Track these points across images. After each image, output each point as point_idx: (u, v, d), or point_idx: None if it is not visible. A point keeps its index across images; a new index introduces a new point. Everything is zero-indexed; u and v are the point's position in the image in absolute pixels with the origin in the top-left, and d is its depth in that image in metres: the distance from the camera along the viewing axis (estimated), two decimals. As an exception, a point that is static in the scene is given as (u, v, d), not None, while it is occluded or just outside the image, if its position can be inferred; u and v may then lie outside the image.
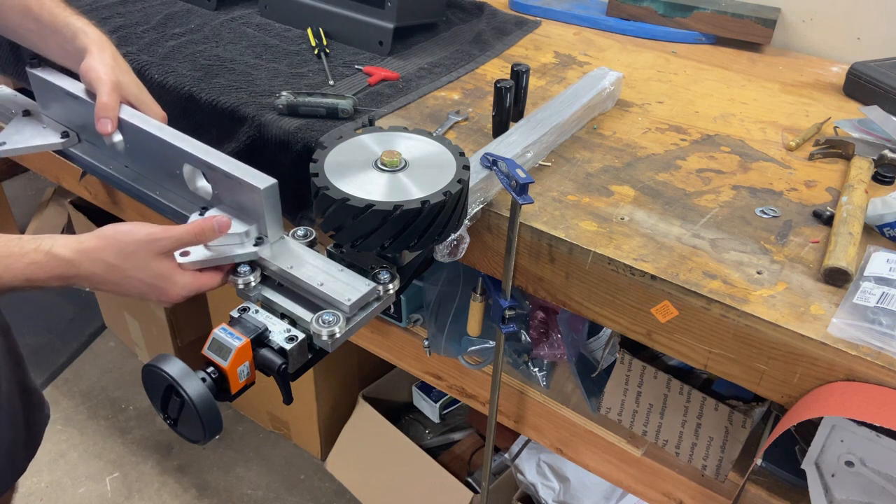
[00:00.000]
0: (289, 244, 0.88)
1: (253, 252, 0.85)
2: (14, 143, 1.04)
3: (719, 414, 1.00)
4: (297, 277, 0.82)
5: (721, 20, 1.52)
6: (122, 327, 2.33)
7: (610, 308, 0.93)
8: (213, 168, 0.87)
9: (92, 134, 1.00)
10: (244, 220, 0.87)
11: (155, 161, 0.96)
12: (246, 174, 0.85)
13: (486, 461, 1.29)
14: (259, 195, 0.83)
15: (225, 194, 0.89)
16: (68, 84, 1.02)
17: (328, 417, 1.98)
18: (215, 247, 0.84)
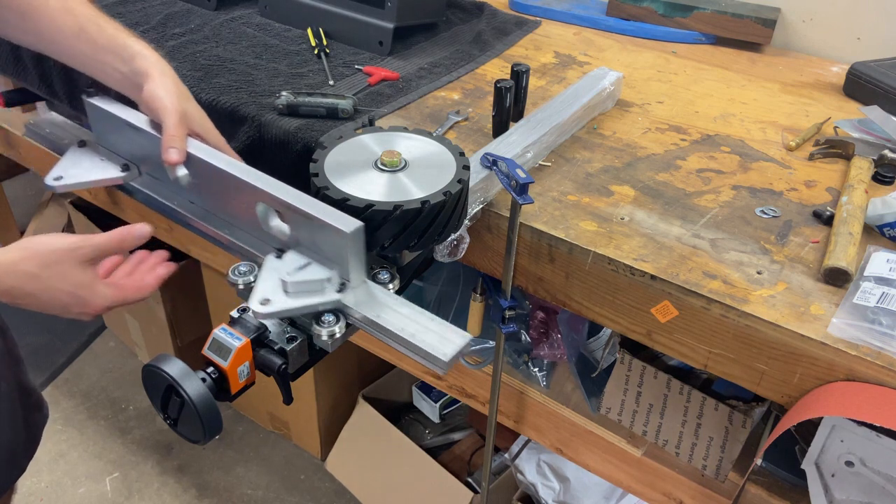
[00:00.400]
0: (372, 289, 0.81)
1: (337, 300, 0.78)
2: (72, 178, 0.98)
3: (719, 414, 1.00)
4: (385, 328, 0.77)
5: (721, 20, 1.52)
6: (122, 327, 2.33)
7: (610, 308, 0.93)
8: (292, 208, 0.80)
9: (154, 167, 0.96)
10: (324, 264, 0.81)
11: (224, 198, 0.90)
12: (329, 216, 0.77)
13: (486, 461, 1.29)
14: (345, 239, 0.76)
15: (303, 235, 0.82)
16: (129, 115, 0.95)
17: (328, 417, 1.98)
18: (298, 296, 0.78)
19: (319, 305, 0.78)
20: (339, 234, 0.76)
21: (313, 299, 0.78)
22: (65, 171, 0.98)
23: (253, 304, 0.75)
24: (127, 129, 0.95)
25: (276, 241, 0.86)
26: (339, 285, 0.79)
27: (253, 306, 0.75)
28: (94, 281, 0.80)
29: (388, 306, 0.79)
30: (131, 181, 1.00)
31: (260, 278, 0.79)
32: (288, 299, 0.77)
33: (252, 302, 0.75)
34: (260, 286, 0.78)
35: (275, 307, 0.76)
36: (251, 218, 0.87)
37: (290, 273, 0.79)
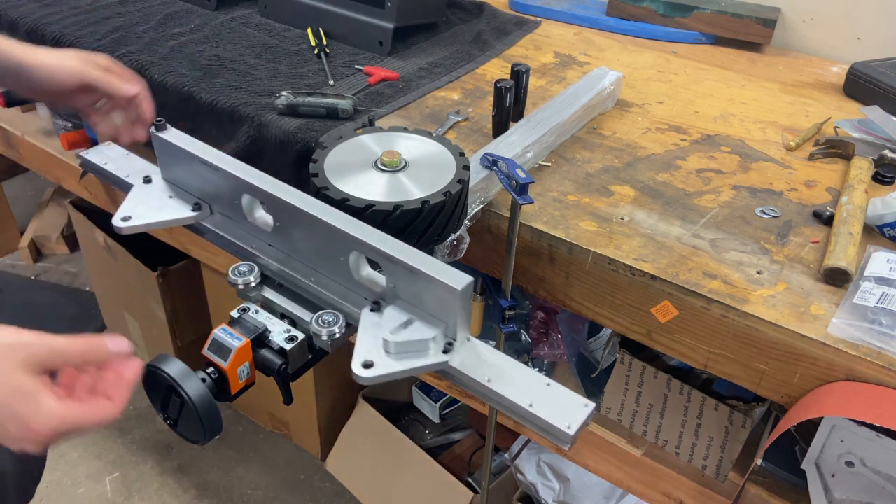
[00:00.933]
0: (477, 348, 0.74)
1: (443, 362, 0.72)
2: (141, 218, 0.90)
3: (719, 414, 1.00)
4: (499, 395, 0.70)
5: (721, 20, 1.52)
6: (122, 327, 2.33)
7: (610, 308, 0.93)
8: (394, 260, 0.74)
9: (227, 206, 0.89)
10: (427, 321, 0.74)
11: (311, 244, 0.82)
12: (437, 271, 0.71)
13: (486, 461, 1.28)
14: (454, 297, 0.70)
15: (403, 288, 0.75)
16: (202, 150, 0.89)
17: (328, 417, 1.98)
18: (401, 358, 0.72)
19: (425, 368, 0.72)
20: (449, 290, 0.70)
21: (418, 361, 0.72)
22: (132, 210, 0.91)
23: (355, 367, 0.70)
24: (198, 165, 0.89)
25: (366, 291, 0.80)
26: (445, 345, 0.73)
27: (355, 370, 0.69)
28: (39, 390, 0.61)
29: (498, 369, 0.72)
30: (203, 220, 0.93)
31: (358, 336, 0.74)
32: (391, 361, 0.71)
33: (354, 364, 0.70)
34: (359, 345, 0.72)
35: (379, 371, 0.70)
36: (339, 266, 0.80)
37: (392, 332, 0.73)
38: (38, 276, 2.64)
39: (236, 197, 0.86)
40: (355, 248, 0.77)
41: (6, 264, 2.67)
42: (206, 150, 0.89)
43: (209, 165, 0.87)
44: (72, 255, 2.72)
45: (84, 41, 1.33)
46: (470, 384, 0.72)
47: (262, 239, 0.88)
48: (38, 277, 2.63)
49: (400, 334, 0.73)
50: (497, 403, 0.71)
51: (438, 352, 0.73)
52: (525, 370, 0.73)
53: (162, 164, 0.95)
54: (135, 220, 0.90)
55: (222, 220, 0.92)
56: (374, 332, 0.74)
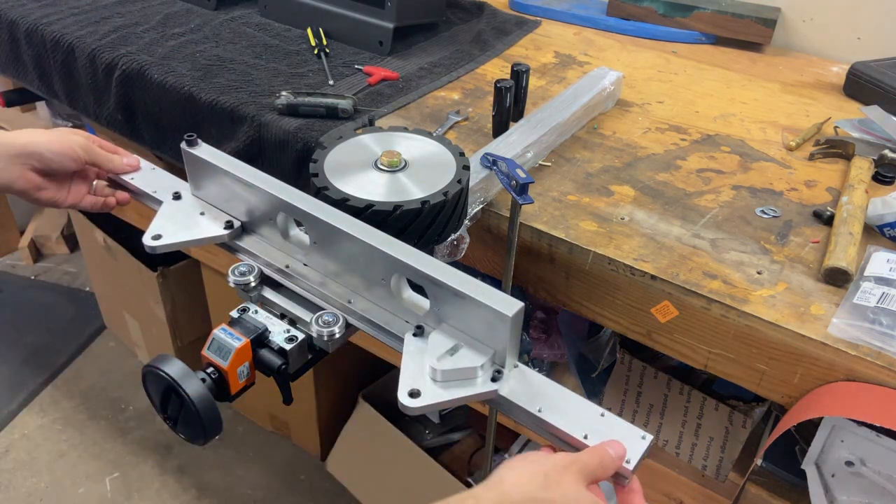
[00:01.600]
0: (527, 375, 0.71)
1: (493, 390, 0.69)
2: (172, 237, 0.87)
3: (719, 414, 1.00)
4: (551, 425, 0.67)
5: (721, 20, 1.51)
6: (121, 327, 2.33)
7: (610, 308, 0.93)
8: (439, 284, 0.71)
9: (261, 224, 0.87)
10: (474, 347, 0.71)
11: (350, 265, 0.79)
12: (487, 295, 0.68)
13: (486, 461, 1.28)
14: (504, 323, 0.67)
15: (449, 312, 0.73)
16: (235, 167, 0.85)
17: (328, 417, 1.98)
18: (449, 386, 0.69)
19: (474, 398, 0.69)
20: (499, 317, 0.67)
21: (466, 390, 0.69)
22: (162, 228, 0.88)
23: (402, 396, 0.67)
24: (231, 181, 0.86)
25: (409, 315, 0.77)
26: (494, 372, 0.70)
27: (402, 399, 0.67)
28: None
29: (549, 398, 0.69)
30: (235, 239, 0.90)
31: (403, 363, 0.71)
32: (439, 390, 0.68)
33: (401, 394, 0.67)
34: (405, 373, 0.70)
35: (426, 401, 0.67)
36: (379, 288, 0.77)
37: (438, 359, 0.70)
38: (38, 276, 2.64)
39: (271, 215, 0.84)
40: (398, 271, 0.75)
41: (6, 264, 2.67)
42: (238, 166, 0.86)
43: (242, 182, 0.84)
44: (72, 255, 2.72)
45: (84, 41, 1.33)
46: (519, 414, 0.69)
47: (297, 258, 0.85)
48: (38, 277, 2.63)
49: (447, 361, 0.70)
50: (549, 435, 0.68)
51: (487, 380, 0.70)
52: (577, 399, 0.69)
53: (192, 180, 0.93)
54: (166, 238, 0.87)
55: (255, 238, 0.89)
56: (419, 358, 0.71)
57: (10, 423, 2.12)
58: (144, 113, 1.29)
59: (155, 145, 1.32)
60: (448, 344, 0.72)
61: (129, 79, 1.27)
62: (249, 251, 0.88)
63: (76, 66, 1.35)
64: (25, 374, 2.26)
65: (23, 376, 2.25)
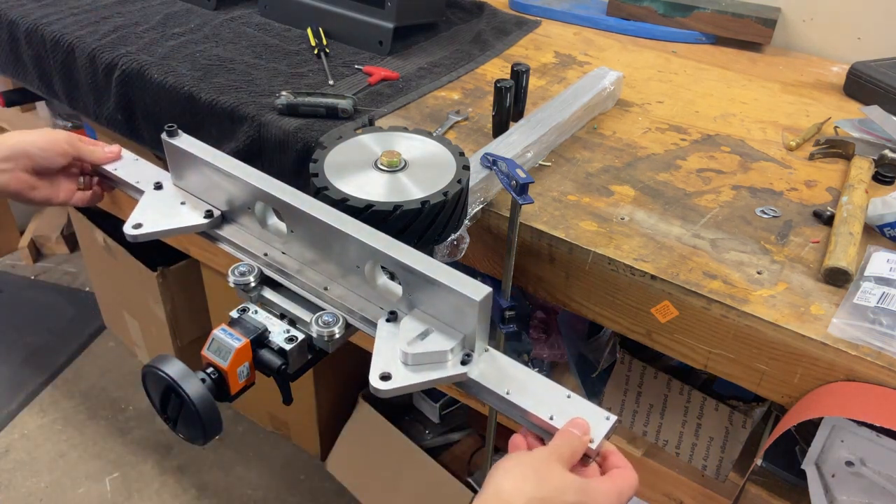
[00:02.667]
0: (496, 359, 0.74)
1: (462, 373, 0.71)
2: (153, 225, 0.89)
3: (719, 414, 1.00)
4: (519, 407, 0.69)
5: (721, 20, 1.51)
6: (121, 327, 2.33)
7: (610, 308, 0.93)
8: (410, 270, 0.73)
9: (241, 214, 0.89)
10: (444, 331, 0.73)
11: (326, 253, 0.81)
12: (455, 282, 0.70)
13: (486, 461, 1.28)
14: (473, 308, 0.69)
15: (421, 298, 0.75)
16: (214, 157, 0.87)
17: (328, 417, 1.98)
18: (419, 369, 0.71)
19: (443, 380, 0.71)
20: (468, 301, 0.69)
21: (436, 373, 0.71)
22: (143, 217, 0.90)
23: (373, 379, 0.69)
24: (211, 171, 0.88)
25: (383, 301, 0.79)
26: (463, 356, 0.72)
27: (373, 382, 0.69)
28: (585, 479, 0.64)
29: (518, 381, 0.71)
30: (215, 228, 0.91)
31: (375, 347, 0.73)
32: (409, 373, 0.70)
33: (372, 377, 0.69)
34: (377, 357, 0.71)
35: (397, 383, 0.69)
36: (354, 275, 0.79)
37: (409, 343, 0.72)
38: (38, 276, 2.64)
39: (249, 204, 0.85)
40: (371, 258, 0.76)
41: (6, 264, 2.67)
42: (218, 156, 0.87)
43: (222, 172, 0.86)
44: (72, 255, 2.72)
45: (84, 41, 1.33)
46: (489, 396, 0.71)
47: (275, 247, 0.87)
48: (38, 277, 2.63)
49: (417, 345, 0.71)
50: (517, 416, 0.70)
51: (457, 363, 0.72)
52: (545, 382, 0.71)
53: (173, 170, 0.94)
54: (146, 227, 0.89)
55: (236, 228, 0.91)
56: (391, 342, 0.73)
57: (10, 423, 2.12)
58: (144, 113, 1.29)
59: (155, 145, 1.32)
60: (419, 329, 0.74)
61: (128, 79, 1.27)
62: (229, 240, 0.90)
63: (76, 66, 1.35)
64: (25, 374, 2.26)
65: (23, 376, 2.25)
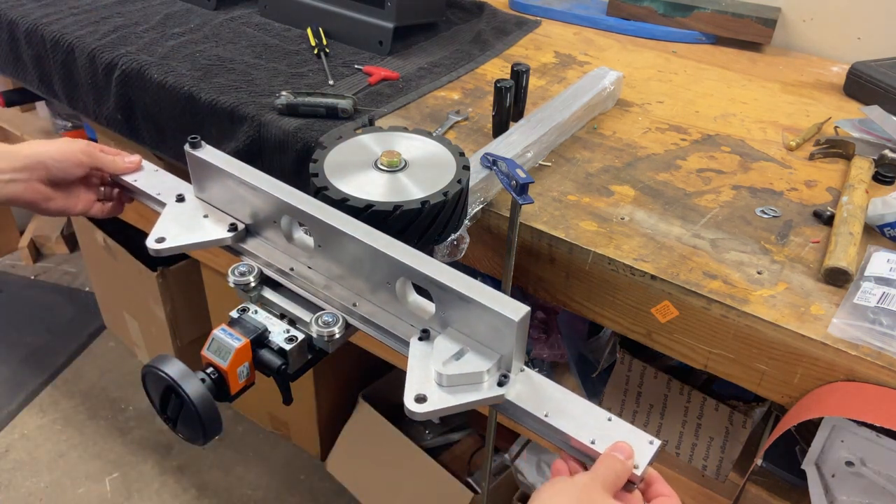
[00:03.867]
0: (533, 379, 0.71)
1: (499, 395, 0.69)
2: (176, 239, 0.87)
3: (719, 414, 1.00)
4: (558, 430, 0.66)
5: (721, 20, 1.51)
6: (121, 327, 2.33)
7: (610, 308, 0.93)
8: (445, 288, 0.70)
9: (266, 227, 0.87)
10: (479, 351, 0.71)
11: (354, 268, 0.79)
12: (493, 300, 0.68)
13: (486, 461, 1.28)
14: (510, 328, 0.67)
15: (454, 316, 0.72)
16: (239, 170, 0.85)
17: (328, 417, 1.98)
18: (455, 391, 0.68)
19: (480, 402, 0.69)
20: (505, 321, 0.67)
21: (473, 395, 0.68)
22: (166, 231, 0.88)
23: (408, 401, 0.67)
24: (235, 184, 0.85)
25: (414, 318, 0.76)
26: (500, 377, 0.70)
27: (408, 405, 0.67)
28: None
29: (556, 401, 0.69)
30: (239, 242, 0.89)
31: (409, 367, 0.71)
32: (445, 395, 0.68)
33: (407, 399, 0.67)
34: (411, 377, 0.69)
35: (433, 406, 0.67)
36: (384, 291, 0.77)
37: (444, 363, 0.69)
38: (38, 276, 2.64)
39: (275, 218, 0.84)
40: (403, 274, 0.74)
41: (6, 264, 2.67)
42: (243, 169, 0.86)
43: (247, 185, 0.84)
44: (71, 255, 2.72)
45: (84, 41, 1.33)
46: (526, 419, 0.69)
47: (301, 261, 0.85)
48: (38, 277, 2.63)
49: (453, 366, 0.69)
50: (556, 440, 0.68)
51: (493, 384, 0.69)
52: (584, 403, 0.69)
53: (196, 182, 0.92)
54: (169, 241, 0.87)
55: (259, 240, 0.89)
56: (425, 362, 0.71)
57: (9, 423, 2.12)
58: (144, 113, 1.29)
59: (154, 145, 1.32)
60: (454, 348, 0.71)
61: (128, 79, 1.27)
62: (253, 254, 0.87)
63: (76, 65, 1.35)
64: (25, 374, 2.26)
65: (23, 376, 2.25)
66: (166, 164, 1.32)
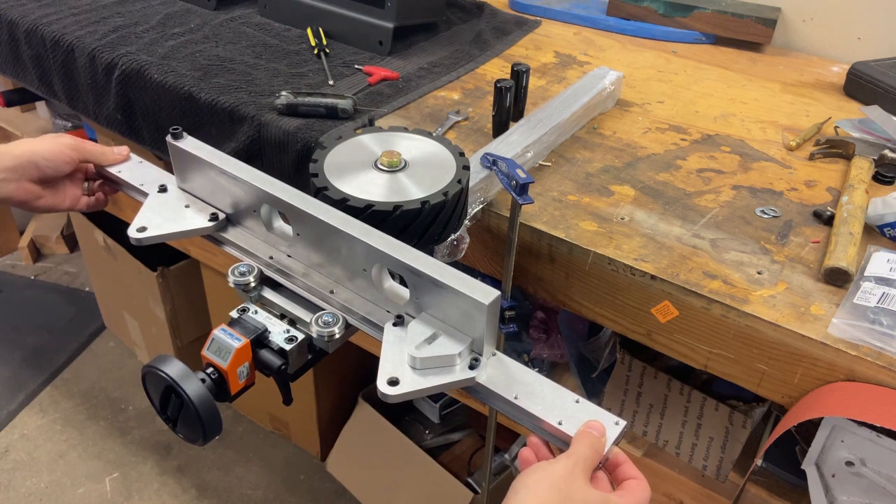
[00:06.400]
0: (504, 363, 0.73)
1: (471, 378, 0.71)
2: (157, 229, 0.88)
3: (719, 414, 1.00)
4: (527, 412, 0.69)
5: (721, 20, 1.51)
6: (121, 327, 2.33)
7: (610, 308, 0.93)
8: (419, 274, 0.72)
9: (246, 217, 0.88)
10: (452, 335, 0.72)
11: (332, 256, 0.81)
12: (465, 284, 0.70)
13: (486, 461, 1.28)
14: (481, 311, 0.69)
15: (428, 302, 0.74)
16: (220, 160, 0.87)
17: (328, 417, 1.98)
18: (427, 374, 0.70)
19: (452, 385, 0.70)
20: (476, 305, 0.69)
21: (445, 378, 0.70)
22: (147, 220, 0.89)
23: (381, 384, 0.68)
24: (216, 174, 0.87)
25: (389, 304, 0.78)
26: (471, 360, 0.71)
27: (381, 387, 0.68)
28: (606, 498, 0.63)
29: (527, 385, 0.70)
30: (220, 231, 0.91)
31: (383, 352, 0.72)
32: (418, 378, 0.69)
33: (380, 382, 0.69)
34: (384, 361, 0.71)
35: (405, 388, 0.68)
36: (361, 278, 0.79)
37: (417, 347, 0.71)
38: (38, 276, 2.64)
39: (255, 207, 0.85)
40: (378, 261, 0.76)
41: (6, 264, 2.67)
42: (223, 159, 0.87)
43: (227, 175, 0.85)
44: (71, 255, 2.72)
45: (84, 41, 1.33)
46: (497, 401, 0.71)
47: (280, 250, 0.86)
48: (38, 277, 2.63)
49: (425, 349, 0.71)
50: (525, 421, 0.70)
51: (465, 367, 0.71)
52: (553, 386, 0.71)
53: (178, 173, 0.94)
54: (151, 230, 0.88)
55: (242, 231, 0.90)
56: (399, 346, 0.72)
57: (9, 423, 2.12)
58: (144, 113, 1.29)
59: (154, 145, 1.32)
60: (427, 332, 0.73)
61: (128, 79, 1.27)
62: (234, 243, 0.89)
63: (76, 66, 1.35)
64: (25, 374, 2.26)
65: (23, 376, 2.25)
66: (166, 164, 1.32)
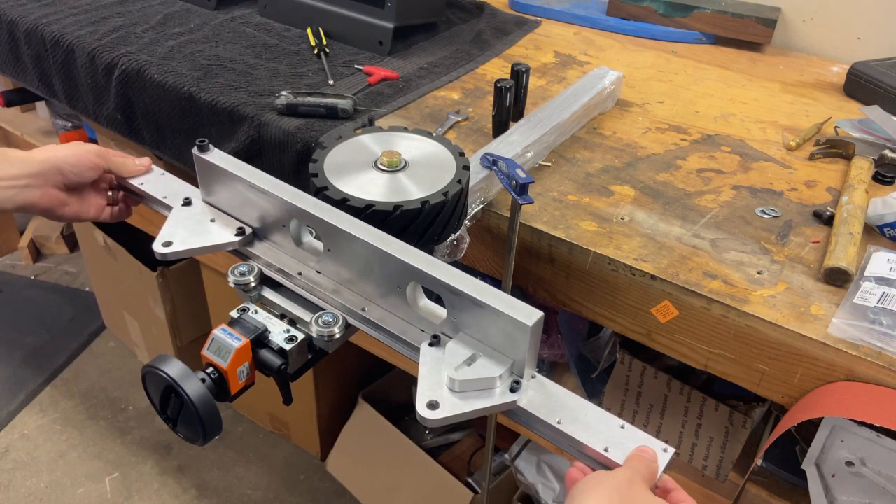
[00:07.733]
0: (545, 386, 0.70)
1: (512, 401, 0.68)
2: (183, 243, 0.86)
3: (719, 414, 1.00)
4: (571, 438, 0.66)
5: (721, 20, 1.51)
6: (121, 327, 2.33)
7: (610, 308, 0.93)
8: (457, 293, 0.70)
9: (271, 230, 0.86)
10: (491, 356, 0.70)
11: (364, 273, 0.78)
12: (507, 305, 0.67)
13: (486, 461, 1.28)
14: (524, 333, 0.66)
15: (466, 322, 0.71)
16: (247, 173, 0.84)
17: (328, 417, 1.98)
18: (467, 397, 0.68)
19: (492, 409, 0.68)
20: (518, 326, 0.66)
21: (485, 401, 0.67)
22: (172, 234, 0.87)
23: (420, 408, 0.66)
24: (243, 187, 0.85)
25: (424, 323, 0.75)
26: (512, 383, 0.69)
27: (420, 411, 0.66)
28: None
29: (569, 409, 0.68)
30: (246, 246, 0.88)
31: (420, 374, 0.70)
32: (457, 401, 0.67)
33: (419, 405, 0.66)
34: (422, 384, 0.69)
35: (445, 413, 0.66)
36: (394, 296, 0.76)
37: (456, 369, 0.69)
38: (38, 276, 2.64)
39: (283, 221, 0.83)
40: (414, 279, 0.73)
41: (6, 264, 2.67)
42: (252, 172, 0.85)
43: (256, 189, 0.83)
44: (71, 255, 2.72)
45: (84, 41, 1.33)
46: (539, 426, 0.68)
47: (309, 265, 0.84)
48: (38, 277, 2.63)
49: (464, 371, 0.68)
50: (570, 448, 0.67)
51: (505, 390, 0.69)
52: (596, 410, 0.68)
53: (203, 185, 0.91)
54: (176, 245, 0.86)
55: (267, 245, 0.88)
56: (436, 368, 0.70)
57: (9, 423, 2.12)
58: (144, 113, 1.29)
59: (155, 145, 1.32)
60: (466, 353, 0.70)
61: (128, 79, 1.27)
62: (261, 258, 0.87)
63: (76, 65, 1.35)
64: (25, 374, 2.26)
65: (23, 376, 2.25)
66: (166, 163, 1.32)
